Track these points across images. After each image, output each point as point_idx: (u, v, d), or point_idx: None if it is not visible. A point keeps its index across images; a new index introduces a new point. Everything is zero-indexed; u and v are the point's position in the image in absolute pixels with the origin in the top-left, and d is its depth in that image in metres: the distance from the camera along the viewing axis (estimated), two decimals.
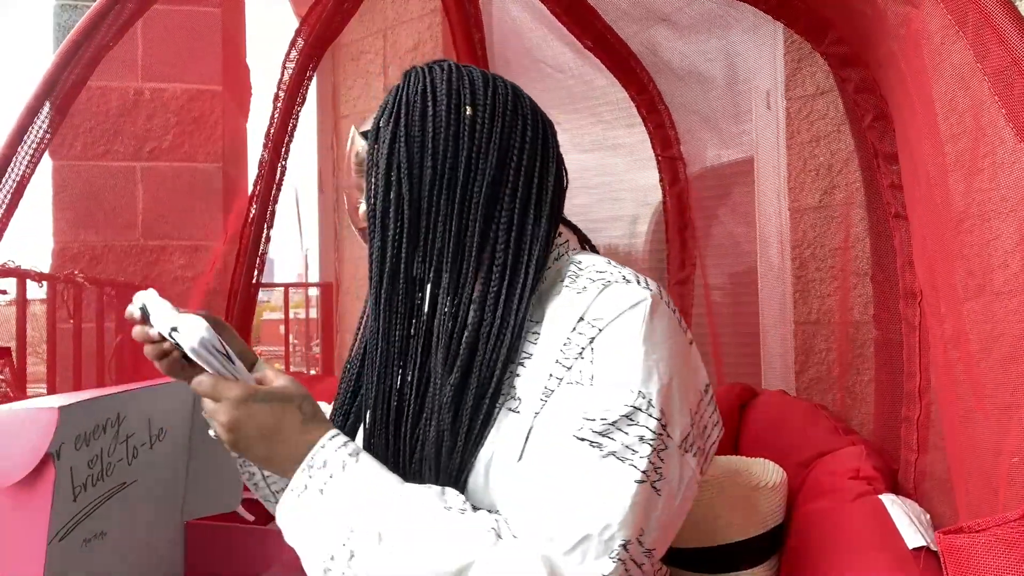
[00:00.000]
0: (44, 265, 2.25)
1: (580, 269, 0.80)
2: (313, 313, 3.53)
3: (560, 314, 0.77)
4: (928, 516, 1.04)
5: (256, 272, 1.98)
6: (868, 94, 1.26)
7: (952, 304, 0.84)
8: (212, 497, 1.26)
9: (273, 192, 1.92)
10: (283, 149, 1.91)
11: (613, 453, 0.69)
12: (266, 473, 1.00)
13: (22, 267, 1.75)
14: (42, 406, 0.89)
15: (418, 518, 0.70)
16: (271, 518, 1.18)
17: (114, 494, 1.03)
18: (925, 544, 0.92)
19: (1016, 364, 0.62)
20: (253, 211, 1.90)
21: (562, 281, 0.80)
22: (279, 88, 1.85)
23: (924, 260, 0.97)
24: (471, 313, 0.77)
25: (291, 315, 3.47)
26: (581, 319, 0.74)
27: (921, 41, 0.80)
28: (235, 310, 1.95)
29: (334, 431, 0.76)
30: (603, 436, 0.69)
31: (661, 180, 1.91)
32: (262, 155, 1.90)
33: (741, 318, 1.97)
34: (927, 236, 0.94)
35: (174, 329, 0.76)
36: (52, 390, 1.92)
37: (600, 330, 0.73)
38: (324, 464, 0.73)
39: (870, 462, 1.19)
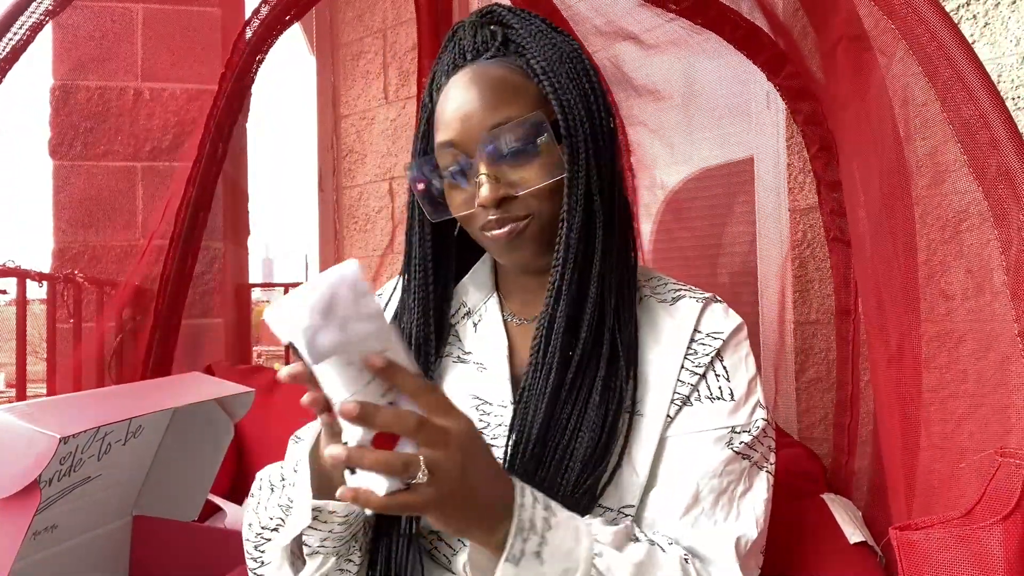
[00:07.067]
0: (44, 265, 2.25)
1: (647, 279, 0.84)
2: None
3: (663, 324, 0.80)
4: (860, 513, 1.14)
5: (190, 260, 1.88)
6: (816, 126, 1.36)
7: (897, 322, 0.88)
8: (168, 502, 1.23)
9: (213, 176, 1.86)
10: (226, 131, 1.84)
11: (756, 463, 0.76)
12: None
13: (22, 267, 1.75)
14: (44, 430, 0.85)
15: (624, 563, 0.66)
16: None
17: (75, 488, 1.01)
18: (863, 540, 1.02)
19: (1015, 363, 0.62)
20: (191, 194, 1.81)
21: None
22: (227, 68, 1.78)
23: (872, 280, 1.02)
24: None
25: None
26: (697, 330, 0.79)
27: (889, 86, 0.90)
28: (166, 299, 1.85)
29: (511, 476, 0.66)
30: (750, 448, 0.76)
31: None
32: (203, 136, 1.83)
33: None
34: (876, 258, 0.98)
35: None
36: (52, 390, 1.91)
37: (723, 342, 0.79)
38: (532, 524, 0.62)
39: (813, 463, 1.33)
